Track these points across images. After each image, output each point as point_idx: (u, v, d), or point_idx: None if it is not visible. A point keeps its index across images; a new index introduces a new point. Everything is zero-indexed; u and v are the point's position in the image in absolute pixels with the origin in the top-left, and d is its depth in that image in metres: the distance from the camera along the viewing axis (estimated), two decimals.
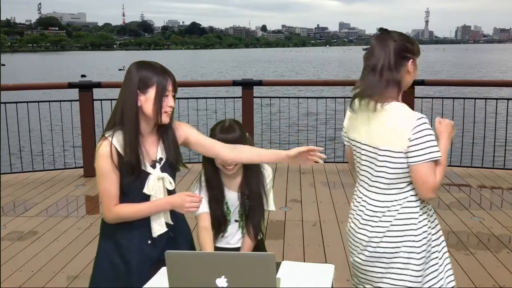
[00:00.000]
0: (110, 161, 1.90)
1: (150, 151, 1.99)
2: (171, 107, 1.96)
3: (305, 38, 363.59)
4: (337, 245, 3.82)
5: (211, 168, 2.26)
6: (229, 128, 2.22)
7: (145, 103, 1.92)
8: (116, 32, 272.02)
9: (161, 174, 1.99)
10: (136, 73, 1.93)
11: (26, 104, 6.23)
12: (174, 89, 1.97)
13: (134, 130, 1.92)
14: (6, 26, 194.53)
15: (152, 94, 1.91)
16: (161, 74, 1.94)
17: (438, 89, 11.83)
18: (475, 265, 3.46)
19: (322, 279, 1.86)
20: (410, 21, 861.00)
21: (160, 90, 1.91)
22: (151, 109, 1.92)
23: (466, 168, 5.97)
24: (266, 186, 2.28)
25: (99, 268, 2.07)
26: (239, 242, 2.29)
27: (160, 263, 1.94)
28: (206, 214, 2.22)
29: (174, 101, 1.97)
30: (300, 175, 5.81)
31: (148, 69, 1.94)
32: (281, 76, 43.62)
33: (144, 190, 1.95)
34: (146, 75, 1.92)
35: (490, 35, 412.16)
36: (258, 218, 2.26)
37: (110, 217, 1.97)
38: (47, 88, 10.54)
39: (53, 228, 4.26)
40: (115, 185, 1.93)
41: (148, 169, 1.96)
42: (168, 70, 1.99)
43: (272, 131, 7.39)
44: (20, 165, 6.41)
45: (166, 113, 1.95)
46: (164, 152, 2.03)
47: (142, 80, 1.91)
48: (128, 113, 1.91)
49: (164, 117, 1.95)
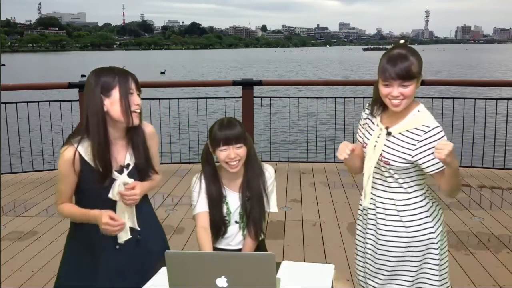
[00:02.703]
0: (70, 167, 1.91)
1: (118, 157, 1.98)
2: (138, 105, 1.94)
3: (305, 38, 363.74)
4: (337, 245, 3.82)
5: (210, 168, 2.24)
6: (229, 124, 2.17)
7: (112, 106, 1.90)
8: (116, 32, 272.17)
9: (127, 180, 1.97)
10: (96, 79, 1.91)
11: (26, 104, 6.23)
12: (137, 87, 1.95)
13: (101, 138, 1.90)
14: (6, 26, 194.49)
15: (117, 95, 1.90)
16: (121, 75, 1.92)
17: (438, 89, 11.83)
18: (475, 265, 3.46)
19: (322, 279, 1.86)
20: (410, 21, 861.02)
21: (124, 89, 1.90)
22: (119, 111, 1.91)
23: (466, 168, 5.97)
24: (268, 188, 2.25)
25: (66, 266, 2.10)
26: (240, 244, 2.26)
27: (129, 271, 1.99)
28: (205, 214, 2.19)
29: (139, 99, 1.95)
30: (300, 175, 5.81)
31: (108, 73, 1.92)
32: (281, 76, 43.61)
33: (109, 195, 1.95)
34: (107, 79, 1.90)
35: (490, 35, 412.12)
36: (259, 219, 2.22)
37: (57, 211, 2.06)
38: (47, 88, 10.54)
39: (53, 228, 4.26)
40: (68, 187, 1.97)
41: (114, 174, 1.95)
42: (128, 71, 1.97)
43: (272, 131, 7.38)
44: (20, 165, 6.41)
45: (135, 113, 1.93)
46: (133, 158, 2.01)
47: (104, 84, 1.89)
48: (93, 121, 1.89)
49: (134, 118, 1.93)
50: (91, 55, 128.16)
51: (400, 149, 1.96)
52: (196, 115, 7.28)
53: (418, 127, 1.94)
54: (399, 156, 1.97)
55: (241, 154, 2.15)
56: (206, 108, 6.78)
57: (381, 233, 2.05)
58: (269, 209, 2.26)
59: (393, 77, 1.90)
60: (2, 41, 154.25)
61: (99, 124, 1.89)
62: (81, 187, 1.98)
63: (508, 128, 6.14)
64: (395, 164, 1.97)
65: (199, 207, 2.20)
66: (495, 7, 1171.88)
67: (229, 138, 2.12)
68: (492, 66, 55.45)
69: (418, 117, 1.98)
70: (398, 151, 1.97)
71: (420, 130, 1.93)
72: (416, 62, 1.92)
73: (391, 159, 1.98)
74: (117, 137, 1.98)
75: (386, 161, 1.99)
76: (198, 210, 2.20)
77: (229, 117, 2.29)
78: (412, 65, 1.91)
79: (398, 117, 2.00)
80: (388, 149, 1.99)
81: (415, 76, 1.93)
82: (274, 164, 6.15)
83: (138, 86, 1.97)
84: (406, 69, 1.90)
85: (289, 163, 6.39)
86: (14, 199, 5.07)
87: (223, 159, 2.15)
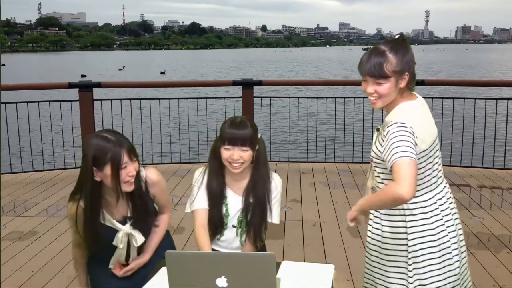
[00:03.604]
0: (73, 222, 2.11)
1: (120, 209, 2.11)
2: (131, 176, 2.01)
3: (305, 38, 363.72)
4: (337, 245, 3.82)
5: (215, 164, 2.15)
6: (240, 123, 2.09)
7: (105, 179, 1.99)
8: (116, 32, 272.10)
9: (129, 231, 2.11)
10: (90, 151, 1.97)
11: (26, 104, 6.22)
12: (131, 157, 2.00)
13: (93, 206, 2.04)
14: (6, 26, 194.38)
15: (109, 171, 1.96)
16: (114, 147, 1.96)
17: (438, 89, 11.81)
18: (475, 265, 3.45)
19: (322, 279, 1.86)
20: (410, 21, 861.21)
21: (116, 166, 1.96)
22: (110, 184, 1.99)
23: (466, 168, 5.97)
24: (273, 198, 2.17)
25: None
26: (237, 250, 2.18)
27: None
28: (204, 211, 2.14)
29: (134, 167, 2.02)
30: (300, 175, 5.81)
31: (102, 145, 1.96)
32: (281, 76, 43.59)
33: (114, 242, 2.10)
34: (99, 154, 1.95)
35: (490, 35, 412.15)
36: (259, 227, 2.15)
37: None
38: (47, 88, 10.54)
39: (53, 228, 4.25)
40: (77, 236, 2.15)
41: (117, 225, 2.09)
42: (123, 140, 2.00)
43: (272, 131, 7.38)
44: (20, 165, 6.40)
45: (127, 182, 2.01)
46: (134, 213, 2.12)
47: (96, 159, 1.95)
48: (87, 191, 2.02)
49: (125, 187, 2.02)
50: (91, 55, 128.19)
51: (378, 145, 1.95)
52: (196, 115, 7.28)
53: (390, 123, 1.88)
54: (374, 151, 1.97)
55: (245, 158, 2.07)
56: (206, 108, 6.78)
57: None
58: (272, 220, 2.18)
59: (363, 73, 1.87)
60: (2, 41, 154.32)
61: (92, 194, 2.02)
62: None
63: (508, 128, 6.13)
64: (374, 161, 1.97)
65: (198, 203, 2.14)
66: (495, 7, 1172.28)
67: (236, 138, 2.06)
68: (492, 66, 55.44)
69: (395, 112, 1.91)
70: (376, 146, 1.97)
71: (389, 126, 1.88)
72: (395, 61, 1.83)
73: (372, 156, 1.98)
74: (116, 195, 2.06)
75: (371, 158, 1.99)
76: (197, 206, 2.14)
77: (244, 117, 2.19)
78: (387, 63, 1.83)
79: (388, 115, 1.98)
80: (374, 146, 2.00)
81: (388, 75, 1.83)
82: (274, 164, 6.15)
83: (132, 154, 2.01)
84: (377, 66, 1.82)
85: (289, 163, 6.39)
86: (14, 199, 5.07)
87: (226, 158, 2.08)
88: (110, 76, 43.67)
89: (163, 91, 16.35)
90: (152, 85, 11.63)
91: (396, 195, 1.73)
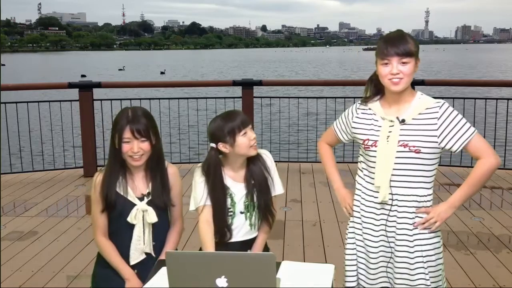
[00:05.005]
0: (96, 192, 2.15)
1: (139, 185, 2.19)
2: (134, 153, 2.09)
3: (305, 38, 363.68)
4: (337, 245, 3.82)
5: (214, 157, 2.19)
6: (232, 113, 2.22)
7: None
8: (116, 32, 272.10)
9: (144, 207, 2.15)
10: (116, 118, 2.14)
11: (26, 104, 6.23)
12: (134, 135, 2.07)
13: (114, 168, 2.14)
14: (6, 26, 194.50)
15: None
16: (122, 121, 2.09)
17: (438, 89, 11.76)
18: (475, 265, 3.46)
19: (322, 279, 1.86)
20: (410, 21, 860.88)
21: (119, 137, 2.09)
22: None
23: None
24: (270, 169, 2.25)
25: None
26: (246, 236, 2.21)
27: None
28: (208, 207, 2.16)
29: (140, 146, 2.08)
30: (300, 175, 5.81)
31: (119, 116, 2.12)
32: (281, 76, 43.62)
33: (128, 218, 2.13)
34: (115, 122, 2.13)
35: (490, 35, 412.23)
36: (267, 203, 2.22)
37: (95, 242, 2.23)
38: (47, 88, 10.53)
39: (53, 228, 4.26)
40: (99, 215, 2.16)
41: (135, 200, 2.15)
42: (136, 118, 2.10)
43: (272, 131, 7.38)
44: (20, 165, 6.41)
45: (130, 157, 2.10)
46: (150, 187, 2.19)
47: (113, 124, 2.13)
48: (110, 153, 2.16)
49: (130, 160, 2.11)
50: (91, 55, 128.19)
51: (423, 132, 1.95)
52: (196, 115, 7.28)
53: (429, 106, 1.97)
54: (425, 140, 1.95)
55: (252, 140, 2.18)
56: (206, 108, 6.78)
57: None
58: (275, 192, 2.26)
59: (391, 54, 1.92)
60: (2, 41, 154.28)
61: (113, 157, 2.14)
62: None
63: (508, 128, 6.14)
64: (423, 150, 1.95)
65: (202, 199, 2.17)
66: (495, 7, 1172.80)
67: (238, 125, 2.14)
68: (492, 66, 55.45)
69: (424, 99, 2.00)
70: (421, 135, 1.96)
71: (433, 108, 1.96)
72: (413, 43, 1.96)
73: (419, 146, 1.95)
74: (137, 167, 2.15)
75: (417, 150, 1.95)
76: (200, 202, 2.17)
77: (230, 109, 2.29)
78: (410, 43, 1.94)
79: (402, 107, 2.00)
80: (408, 137, 1.96)
81: (413, 54, 1.94)
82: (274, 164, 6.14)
83: (141, 133, 2.08)
84: (404, 45, 1.93)
85: (289, 163, 6.39)
86: (14, 199, 5.07)
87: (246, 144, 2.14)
88: (110, 76, 43.68)
89: (163, 91, 16.36)
90: (152, 85, 11.60)
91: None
